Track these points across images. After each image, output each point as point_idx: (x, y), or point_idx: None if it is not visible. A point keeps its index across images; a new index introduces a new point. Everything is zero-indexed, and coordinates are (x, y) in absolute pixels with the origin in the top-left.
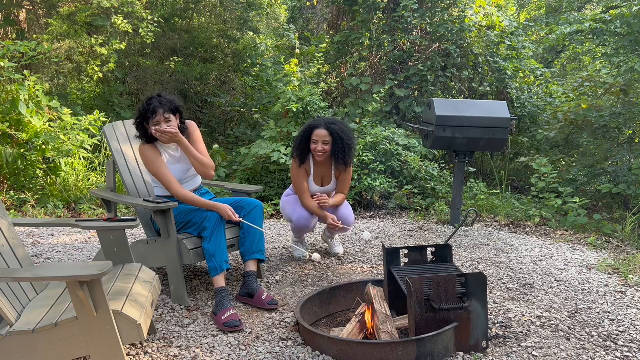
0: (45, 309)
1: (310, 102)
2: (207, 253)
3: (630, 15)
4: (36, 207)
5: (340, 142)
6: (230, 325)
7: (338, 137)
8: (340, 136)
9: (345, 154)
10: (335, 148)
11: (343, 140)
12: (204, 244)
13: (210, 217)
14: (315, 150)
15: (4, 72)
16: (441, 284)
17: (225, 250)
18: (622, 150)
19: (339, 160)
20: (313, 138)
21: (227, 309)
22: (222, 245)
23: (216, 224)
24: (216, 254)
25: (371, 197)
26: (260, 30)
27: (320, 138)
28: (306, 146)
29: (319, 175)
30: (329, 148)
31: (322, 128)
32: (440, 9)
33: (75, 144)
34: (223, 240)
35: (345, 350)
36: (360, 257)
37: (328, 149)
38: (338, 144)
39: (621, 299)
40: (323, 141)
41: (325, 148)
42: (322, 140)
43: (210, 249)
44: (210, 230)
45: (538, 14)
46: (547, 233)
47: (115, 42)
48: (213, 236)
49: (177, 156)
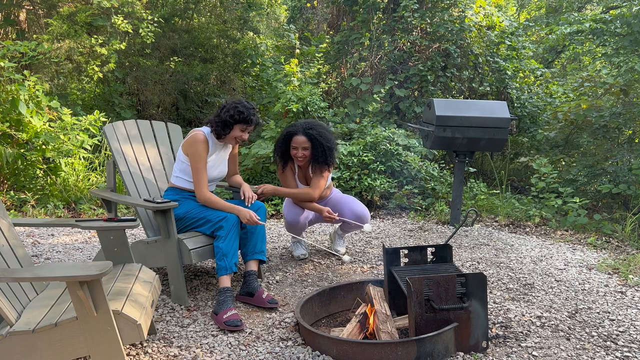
0: (45, 309)
1: (310, 102)
2: (220, 252)
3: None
4: (36, 207)
5: (319, 146)
6: (232, 324)
7: (317, 142)
8: (319, 141)
9: (326, 157)
10: (315, 153)
11: (322, 145)
12: (217, 242)
13: (230, 218)
14: (296, 156)
15: (4, 72)
16: (441, 284)
17: (236, 252)
18: (622, 150)
19: (321, 164)
20: (292, 144)
21: (228, 308)
22: (235, 246)
23: (233, 225)
24: (228, 254)
25: (371, 197)
26: (260, 30)
27: (299, 144)
28: (286, 152)
29: (303, 175)
30: (309, 153)
31: (301, 134)
32: (440, 9)
33: (75, 144)
34: (236, 242)
35: (345, 350)
36: (360, 257)
37: (308, 154)
38: (318, 149)
39: (621, 299)
40: (302, 147)
41: (305, 153)
42: (302, 147)
43: (223, 249)
44: (226, 231)
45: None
46: (547, 233)
47: (115, 42)
48: (228, 236)
49: (219, 155)
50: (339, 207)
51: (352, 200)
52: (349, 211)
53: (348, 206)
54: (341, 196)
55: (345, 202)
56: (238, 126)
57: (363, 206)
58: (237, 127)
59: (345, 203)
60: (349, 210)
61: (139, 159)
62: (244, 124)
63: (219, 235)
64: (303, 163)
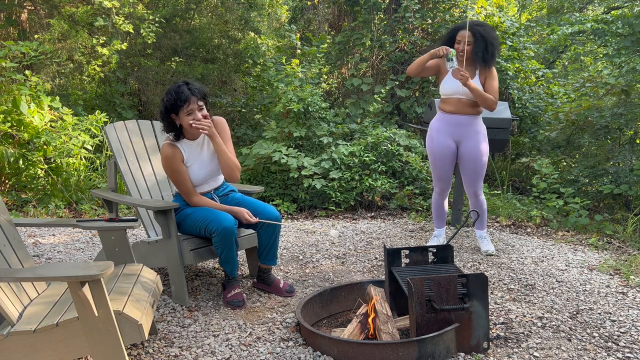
0: (46, 309)
1: (312, 102)
2: (221, 259)
3: (632, 16)
4: (37, 207)
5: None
6: (234, 304)
7: (482, 37)
8: (484, 37)
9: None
10: (477, 48)
11: (486, 41)
12: (217, 249)
13: (224, 228)
14: (457, 50)
15: (5, 72)
16: (442, 284)
17: (236, 259)
18: (623, 151)
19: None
20: (457, 38)
21: (235, 286)
22: (233, 253)
23: (228, 234)
24: (230, 262)
25: (372, 197)
26: (261, 31)
27: (463, 38)
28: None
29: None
30: (470, 49)
31: (467, 30)
32: (442, 10)
33: (77, 144)
34: (234, 249)
35: (346, 351)
36: (361, 257)
37: (469, 50)
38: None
39: (622, 300)
40: (466, 42)
41: (467, 49)
42: (465, 41)
43: (224, 258)
44: (221, 240)
45: (539, 15)
46: (548, 234)
47: (117, 43)
48: (226, 247)
49: (202, 154)
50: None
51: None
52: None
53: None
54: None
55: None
56: (181, 113)
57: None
58: (180, 114)
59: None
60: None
61: (140, 159)
62: (182, 106)
63: (215, 243)
64: (462, 57)
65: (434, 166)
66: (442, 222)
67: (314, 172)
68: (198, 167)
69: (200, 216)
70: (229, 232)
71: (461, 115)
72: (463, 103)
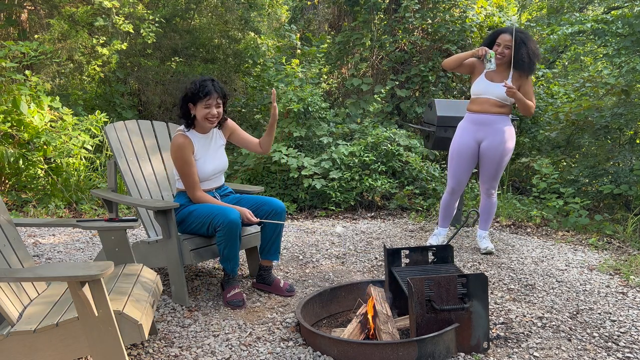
0: (46, 309)
1: (312, 102)
2: (222, 256)
3: (632, 16)
4: (37, 207)
5: (523, 47)
6: (234, 304)
7: (522, 43)
8: (525, 42)
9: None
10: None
11: (526, 46)
12: (219, 245)
13: (230, 221)
14: (496, 52)
15: (5, 72)
16: (442, 284)
17: (237, 257)
18: (623, 151)
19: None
20: (497, 41)
21: (234, 286)
22: (236, 251)
23: (233, 228)
24: (231, 260)
25: (372, 197)
26: (261, 31)
27: (503, 41)
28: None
29: (491, 75)
30: (509, 52)
31: (508, 34)
32: (442, 10)
33: (77, 144)
34: (237, 245)
35: (346, 351)
36: (361, 257)
37: (508, 53)
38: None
39: (622, 300)
40: (505, 45)
41: (505, 52)
42: (505, 44)
43: (225, 255)
44: (226, 236)
45: (539, 15)
46: (548, 234)
47: (117, 43)
48: (229, 242)
49: (209, 149)
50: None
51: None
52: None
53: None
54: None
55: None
56: (199, 104)
57: None
58: (198, 105)
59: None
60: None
61: (140, 159)
62: (203, 98)
63: (218, 238)
64: (501, 61)
65: (450, 162)
66: (446, 223)
67: (314, 172)
68: (206, 161)
69: (205, 212)
70: (235, 226)
71: (487, 115)
72: (491, 103)
